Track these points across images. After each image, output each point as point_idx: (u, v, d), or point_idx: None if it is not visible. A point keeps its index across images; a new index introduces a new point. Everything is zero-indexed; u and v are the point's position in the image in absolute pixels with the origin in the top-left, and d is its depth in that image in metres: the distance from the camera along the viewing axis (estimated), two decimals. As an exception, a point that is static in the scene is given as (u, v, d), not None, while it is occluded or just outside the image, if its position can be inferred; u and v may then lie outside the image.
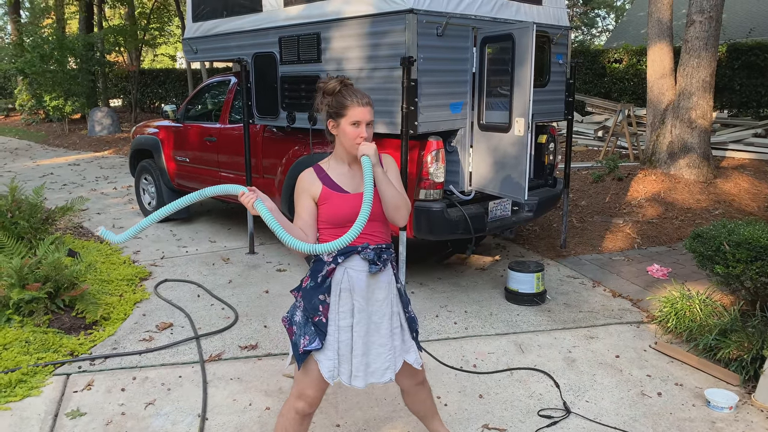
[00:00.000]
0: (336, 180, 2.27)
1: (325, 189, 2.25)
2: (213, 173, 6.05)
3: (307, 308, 2.31)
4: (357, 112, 2.19)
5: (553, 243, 5.86)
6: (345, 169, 2.30)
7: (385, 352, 2.33)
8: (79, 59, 16.21)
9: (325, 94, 2.23)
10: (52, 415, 3.06)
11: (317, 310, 2.28)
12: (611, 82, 12.11)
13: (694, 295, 3.97)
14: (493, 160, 4.30)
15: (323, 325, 2.26)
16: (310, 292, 2.30)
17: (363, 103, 2.20)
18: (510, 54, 4.07)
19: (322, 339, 2.25)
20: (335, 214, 2.25)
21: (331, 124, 2.24)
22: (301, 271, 5.20)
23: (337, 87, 2.21)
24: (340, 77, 2.26)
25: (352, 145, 2.21)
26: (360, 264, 2.28)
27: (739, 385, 3.28)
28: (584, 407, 3.11)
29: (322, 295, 2.28)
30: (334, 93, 2.21)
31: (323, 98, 2.24)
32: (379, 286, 2.31)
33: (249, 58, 5.15)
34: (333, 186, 2.26)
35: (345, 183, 2.28)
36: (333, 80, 2.24)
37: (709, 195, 6.81)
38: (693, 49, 7.05)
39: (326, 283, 2.29)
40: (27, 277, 4.02)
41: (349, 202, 2.25)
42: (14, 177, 5.89)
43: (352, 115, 2.18)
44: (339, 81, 2.23)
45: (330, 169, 2.30)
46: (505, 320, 4.19)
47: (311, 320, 2.28)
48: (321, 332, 2.26)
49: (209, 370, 3.52)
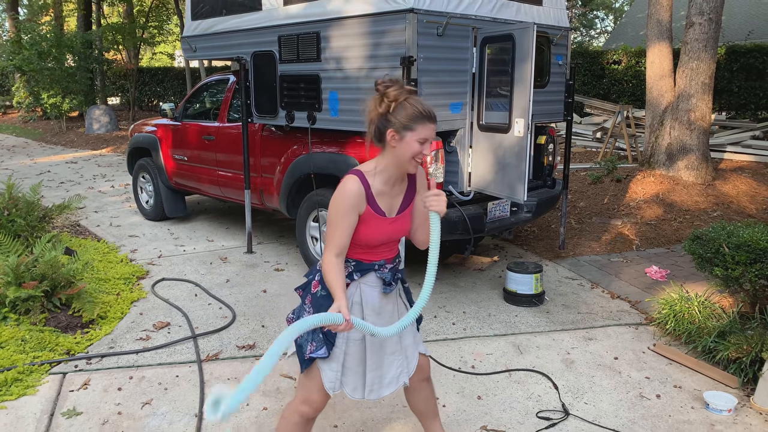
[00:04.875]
0: (378, 199, 2.12)
1: (368, 210, 2.10)
2: (211, 172, 6.03)
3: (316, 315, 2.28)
4: (427, 129, 2.02)
5: (551, 244, 5.85)
6: (388, 187, 2.14)
7: (397, 359, 2.32)
8: (77, 57, 16.17)
9: (385, 99, 2.04)
10: (48, 414, 3.04)
11: None
12: (610, 83, 12.11)
13: (693, 297, 3.97)
14: (492, 160, 4.29)
15: (332, 335, 2.20)
16: (320, 301, 2.23)
17: (433, 119, 2.03)
18: (510, 54, 4.06)
19: (329, 348, 2.20)
20: (369, 237, 2.14)
21: (393, 135, 2.03)
22: (298, 270, 5.19)
23: (402, 95, 2.02)
24: (400, 81, 2.07)
25: (410, 162, 2.05)
26: (374, 280, 2.24)
27: (737, 388, 3.28)
28: (583, 409, 3.10)
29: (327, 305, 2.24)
30: (398, 100, 2.02)
31: (382, 102, 2.04)
32: (389, 300, 2.31)
33: (248, 57, 5.14)
34: (375, 208, 2.11)
35: (385, 204, 2.14)
36: (395, 85, 2.03)
37: (708, 197, 6.81)
38: (692, 51, 7.05)
39: None
40: (23, 275, 4.00)
41: (386, 227, 2.14)
42: (11, 174, 5.87)
43: (422, 131, 2.01)
44: (402, 87, 2.04)
45: (374, 184, 2.11)
46: (504, 321, 4.18)
47: (321, 328, 2.22)
48: (329, 342, 2.20)
49: (206, 369, 3.51)
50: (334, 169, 4.67)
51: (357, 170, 2.12)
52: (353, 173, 2.10)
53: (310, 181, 4.91)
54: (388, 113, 2.03)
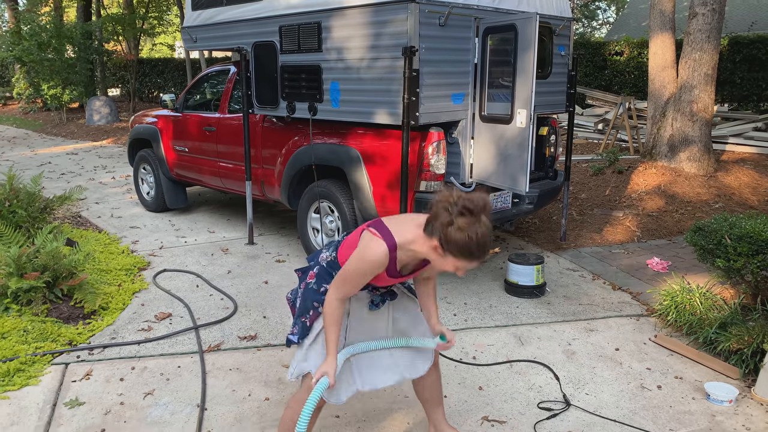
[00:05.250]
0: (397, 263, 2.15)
1: (384, 271, 2.16)
2: (212, 163, 6.02)
3: (302, 304, 2.40)
4: (470, 264, 2.01)
5: (553, 235, 5.85)
6: (411, 260, 2.17)
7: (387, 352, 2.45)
8: (77, 48, 16.11)
9: (453, 223, 1.95)
10: (51, 404, 3.05)
11: (308, 312, 2.37)
12: (612, 74, 12.06)
13: (695, 289, 3.97)
14: (494, 151, 4.28)
15: (306, 328, 2.36)
16: (310, 293, 2.37)
17: (480, 258, 1.99)
18: (512, 45, 4.04)
19: (302, 339, 2.37)
20: (376, 283, 2.25)
21: (438, 248, 2.00)
22: (300, 262, 5.18)
23: (470, 229, 1.93)
24: (476, 212, 1.93)
25: (441, 269, 2.11)
26: (363, 295, 2.38)
27: (738, 379, 3.28)
28: (584, 400, 3.11)
29: (316, 301, 2.36)
30: (463, 230, 1.93)
31: (450, 224, 1.94)
32: (374, 313, 2.44)
33: (249, 47, 5.11)
34: (392, 271, 2.16)
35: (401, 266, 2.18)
36: (469, 217, 1.93)
37: (710, 188, 6.80)
38: (695, 42, 7.01)
39: (324, 295, 2.36)
40: (25, 266, 4.00)
41: (394, 280, 2.23)
42: (12, 166, 5.86)
43: (465, 264, 2.01)
44: (474, 221, 1.93)
45: (401, 257, 2.13)
46: (505, 312, 4.18)
47: (300, 318, 2.39)
48: (304, 333, 2.37)
49: (208, 360, 3.52)
50: (335, 160, 4.66)
51: (392, 241, 2.09)
52: (388, 244, 2.09)
53: (312, 173, 4.90)
54: (449, 229, 1.96)
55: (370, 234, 2.13)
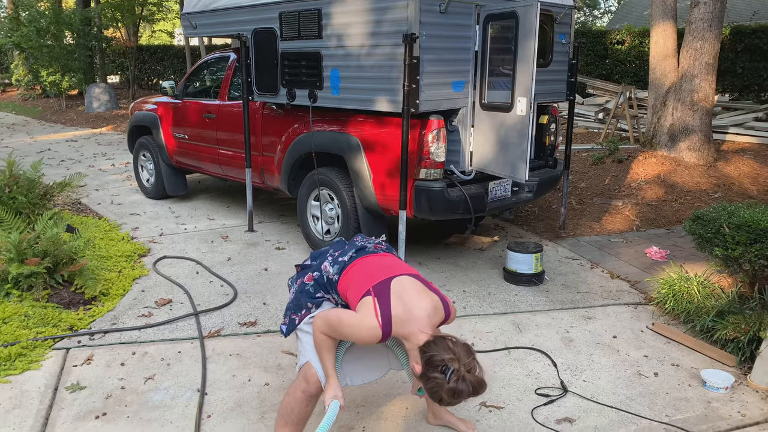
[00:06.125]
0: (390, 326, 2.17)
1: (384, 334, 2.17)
2: (212, 150, 6.01)
3: (295, 301, 2.45)
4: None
5: (552, 224, 5.86)
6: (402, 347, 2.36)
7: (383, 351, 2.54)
8: (76, 34, 16.02)
9: (448, 393, 2.03)
10: (52, 389, 3.07)
11: (299, 311, 2.42)
12: (613, 63, 12.02)
13: (693, 277, 3.98)
14: (494, 139, 4.28)
15: (293, 325, 2.43)
16: (304, 293, 2.43)
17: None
18: (513, 32, 4.03)
19: (288, 334, 2.45)
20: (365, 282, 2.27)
21: (419, 370, 2.09)
22: (299, 249, 5.20)
23: (449, 397, 2.03)
24: (469, 389, 2.02)
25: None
26: None
27: (735, 366, 3.31)
28: (581, 386, 3.14)
29: (310, 302, 2.41)
30: (455, 396, 2.03)
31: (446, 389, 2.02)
32: None
33: (249, 34, 5.09)
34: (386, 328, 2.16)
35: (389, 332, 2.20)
36: (465, 393, 2.01)
37: (709, 178, 6.80)
38: (697, 31, 6.99)
39: (320, 300, 2.42)
40: (26, 252, 4.01)
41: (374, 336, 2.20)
42: (12, 152, 5.86)
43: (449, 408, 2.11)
44: (458, 396, 2.02)
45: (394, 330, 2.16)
46: (504, 300, 4.20)
47: (290, 314, 2.45)
48: (291, 329, 2.45)
49: (208, 346, 3.54)
50: (335, 147, 4.65)
51: (388, 330, 2.14)
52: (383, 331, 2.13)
53: (312, 160, 4.90)
54: (431, 387, 2.05)
55: (371, 310, 2.14)
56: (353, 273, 2.31)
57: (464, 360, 2.03)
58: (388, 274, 2.24)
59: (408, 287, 2.20)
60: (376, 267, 2.29)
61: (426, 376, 2.06)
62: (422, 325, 2.13)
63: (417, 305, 2.16)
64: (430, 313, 2.16)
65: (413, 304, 2.16)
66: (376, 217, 4.68)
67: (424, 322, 2.14)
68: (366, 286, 2.21)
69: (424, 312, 2.15)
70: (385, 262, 2.33)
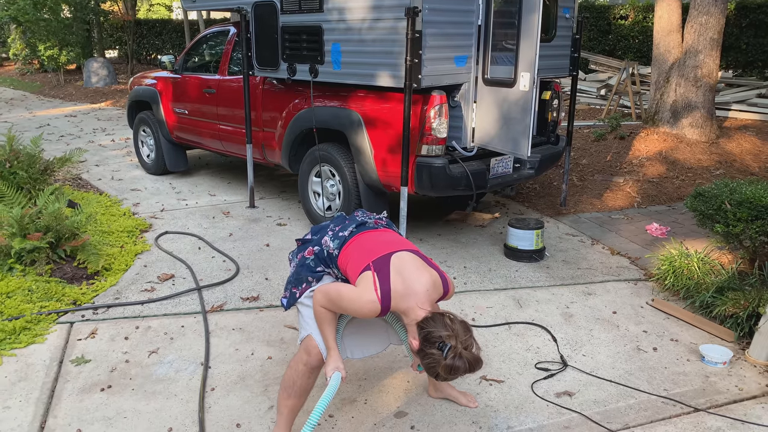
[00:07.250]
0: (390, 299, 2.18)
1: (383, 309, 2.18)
2: (212, 126, 5.99)
3: (295, 275, 2.47)
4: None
5: (553, 201, 5.86)
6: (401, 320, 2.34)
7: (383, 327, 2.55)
8: (72, 7, 15.82)
9: (445, 369, 2.05)
10: (57, 362, 3.10)
11: (300, 284, 2.45)
12: (616, 39, 11.90)
13: (693, 254, 4.00)
14: (496, 115, 4.26)
15: (294, 298, 2.45)
16: (304, 267, 2.44)
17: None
18: (517, 6, 3.98)
19: (288, 307, 2.47)
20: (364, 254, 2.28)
21: (417, 345, 2.11)
22: (301, 225, 5.21)
23: (445, 372, 2.04)
24: (465, 366, 2.04)
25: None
26: None
27: (733, 342, 3.34)
28: (581, 361, 3.17)
29: (311, 276, 2.43)
30: (451, 372, 2.05)
31: (443, 365, 2.04)
32: None
33: (249, 8, 5.03)
34: (385, 303, 2.16)
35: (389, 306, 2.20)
36: (461, 370, 2.03)
37: (711, 155, 6.78)
38: (702, 5, 6.90)
39: (320, 274, 2.43)
40: (28, 227, 4.02)
41: None
42: (11, 127, 5.83)
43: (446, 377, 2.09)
44: (455, 372, 2.04)
45: (393, 304, 2.17)
46: (504, 276, 4.22)
47: (290, 288, 2.47)
48: (291, 302, 2.47)
49: (211, 320, 3.57)
50: (336, 123, 4.63)
51: (387, 303, 2.14)
52: (382, 305, 2.14)
53: (313, 136, 4.88)
54: (428, 363, 2.07)
55: (371, 284, 2.15)
56: (353, 248, 2.32)
57: (461, 337, 2.05)
58: (388, 249, 2.25)
59: (407, 263, 2.21)
60: (376, 242, 2.30)
61: (423, 352, 2.08)
62: (421, 300, 2.15)
63: (416, 281, 2.17)
64: (428, 289, 2.17)
65: (413, 280, 2.17)
66: (377, 194, 4.68)
67: (422, 297, 2.15)
68: (366, 261, 2.22)
69: (422, 287, 2.17)
70: (385, 238, 2.34)
